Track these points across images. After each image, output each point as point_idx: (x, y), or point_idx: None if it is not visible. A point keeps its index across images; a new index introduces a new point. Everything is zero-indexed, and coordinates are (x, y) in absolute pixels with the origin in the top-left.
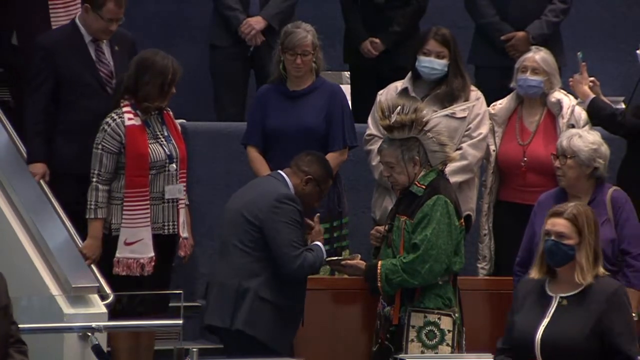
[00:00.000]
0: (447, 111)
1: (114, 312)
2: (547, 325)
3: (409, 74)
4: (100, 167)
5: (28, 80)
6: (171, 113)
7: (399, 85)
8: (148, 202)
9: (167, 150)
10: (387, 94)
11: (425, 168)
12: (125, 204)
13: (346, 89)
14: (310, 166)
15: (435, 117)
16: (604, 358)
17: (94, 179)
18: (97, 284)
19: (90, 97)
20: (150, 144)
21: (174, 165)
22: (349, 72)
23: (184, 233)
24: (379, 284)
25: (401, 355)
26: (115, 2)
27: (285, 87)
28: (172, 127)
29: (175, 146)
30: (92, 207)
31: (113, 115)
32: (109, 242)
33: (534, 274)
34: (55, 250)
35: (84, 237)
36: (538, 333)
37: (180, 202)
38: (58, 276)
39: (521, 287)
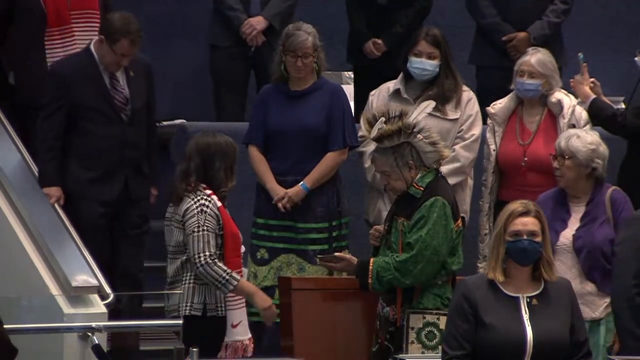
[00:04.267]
0: (429, 109)
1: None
2: (532, 326)
3: (401, 75)
4: (209, 247)
5: (42, 105)
6: None
7: (390, 86)
8: None
9: None
10: (379, 95)
11: (421, 170)
12: None
13: (347, 88)
14: None
15: (422, 116)
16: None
17: (209, 260)
18: (97, 284)
19: (105, 125)
20: None
21: (243, 246)
22: (349, 72)
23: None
24: (369, 280)
25: (401, 356)
26: (130, 40)
27: (287, 87)
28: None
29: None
30: (227, 278)
31: (201, 200)
32: (205, 322)
33: (496, 276)
34: (55, 250)
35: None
36: (528, 335)
37: None
38: (58, 276)
39: (467, 291)
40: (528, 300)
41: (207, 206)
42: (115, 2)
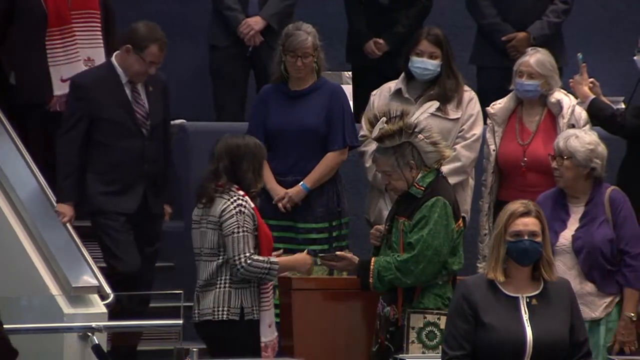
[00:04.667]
0: (432, 108)
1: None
2: (532, 326)
3: (402, 75)
4: (248, 248)
5: (63, 118)
6: None
7: (392, 85)
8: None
9: None
10: (381, 95)
11: (422, 169)
12: (265, 287)
13: (346, 88)
14: None
15: (424, 117)
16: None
17: (249, 260)
18: (97, 284)
19: (126, 138)
20: None
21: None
22: (349, 72)
23: None
24: (370, 280)
25: (401, 356)
26: (158, 45)
27: (287, 87)
28: None
29: None
30: (269, 266)
31: (238, 201)
32: (242, 326)
33: (497, 276)
34: (55, 250)
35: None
36: (527, 335)
37: None
38: (58, 276)
39: (466, 291)
40: (528, 300)
41: (245, 207)
42: (115, 2)
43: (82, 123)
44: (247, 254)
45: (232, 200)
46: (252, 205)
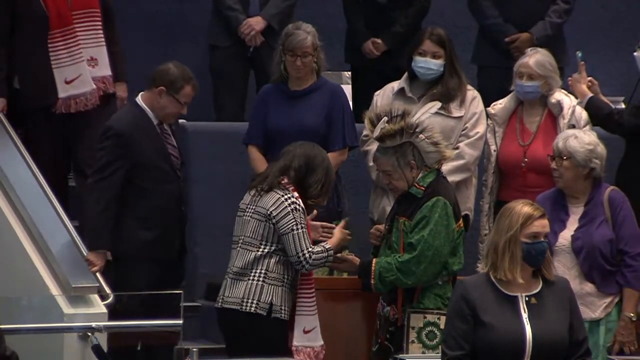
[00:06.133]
0: (435, 109)
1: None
2: (532, 325)
3: (405, 74)
4: (309, 244)
5: (98, 164)
6: None
7: (395, 85)
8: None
9: None
10: (384, 95)
11: (422, 169)
12: (303, 290)
13: (346, 88)
14: None
15: (426, 117)
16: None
17: (313, 256)
18: (97, 284)
19: (165, 183)
20: None
21: None
22: (348, 72)
23: None
24: (372, 281)
25: (401, 355)
26: (192, 86)
27: (287, 87)
28: None
29: None
30: (327, 255)
31: (291, 198)
32: (268, 323)
33: (516, 278)
34: (55, 250)
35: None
36: (527, 334)
37: None
38: (58, 276)
39: (465, 291)
40: (527, 299)
41: (298, 204)
42: (115, 2)
43: (121, 170)
44: (310, 249)
45: (285, 197)
46: (302, 205)
